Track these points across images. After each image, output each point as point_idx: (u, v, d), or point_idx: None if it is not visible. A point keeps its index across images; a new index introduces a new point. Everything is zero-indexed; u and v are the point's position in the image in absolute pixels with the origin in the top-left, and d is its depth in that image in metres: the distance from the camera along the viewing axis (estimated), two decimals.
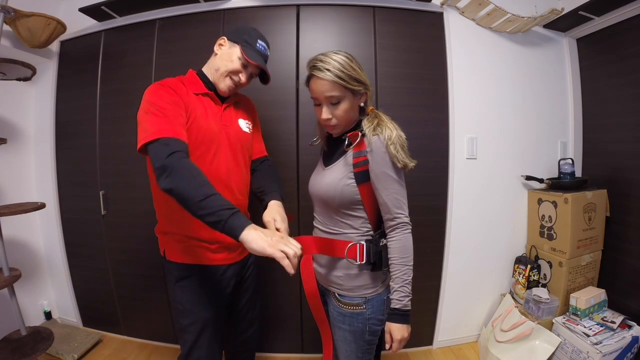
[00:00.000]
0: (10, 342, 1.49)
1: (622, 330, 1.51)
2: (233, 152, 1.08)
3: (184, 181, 0.80)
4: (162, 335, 1.95)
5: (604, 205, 1.75)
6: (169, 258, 1.07)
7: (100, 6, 1.72)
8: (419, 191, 1.76)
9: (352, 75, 0.85)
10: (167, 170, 0.81)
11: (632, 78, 1.65)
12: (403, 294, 0.87)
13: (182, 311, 1.05)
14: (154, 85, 0.98)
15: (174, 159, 0.82)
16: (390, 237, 0.89)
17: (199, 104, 1.02)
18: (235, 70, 1.03)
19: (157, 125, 0.88)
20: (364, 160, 0.87)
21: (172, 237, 1.06)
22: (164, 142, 0.85)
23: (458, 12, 1.79)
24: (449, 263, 1.85)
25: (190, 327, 1.04)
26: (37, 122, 2.02)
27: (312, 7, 1.71)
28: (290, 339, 1.84)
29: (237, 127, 1.12)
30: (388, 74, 1.69)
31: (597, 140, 1.89)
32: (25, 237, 1.99)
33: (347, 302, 0.94)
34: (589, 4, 1.61)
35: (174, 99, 0.95)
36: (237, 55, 1.02)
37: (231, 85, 1.05)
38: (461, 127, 1.80)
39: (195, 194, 0.79)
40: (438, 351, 1.90)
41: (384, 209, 0.89)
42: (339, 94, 0.86)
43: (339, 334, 0.98)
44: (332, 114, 0.88)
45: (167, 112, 0.91)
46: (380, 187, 0.87)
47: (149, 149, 0.86)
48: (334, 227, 0.95)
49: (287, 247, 0.76)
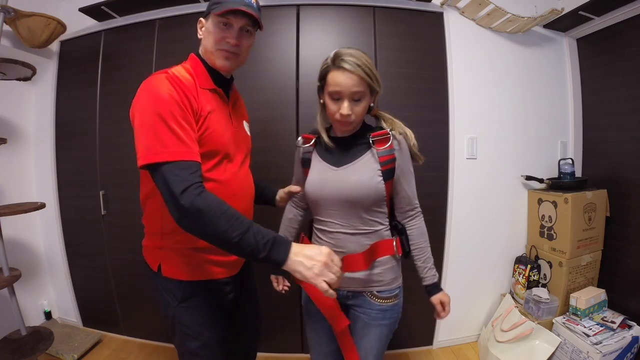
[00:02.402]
0: (10, 342, 1.49)
1: (622, 330, 1.51)
2: (244, 158, 1.02)
3: (213, 225, 0.71)
4: (162, 335, 1.95)
5: (604, 205, 1.75)
6: (165, 274, 0.93)
7: (100, 6, 1.73)
8: (419, 191, 1.74)
9: (376, 75, 0.89)
10: (189, 212, 0.71)
11: (632, 78, 1.65)
12: (434, 269, 1.02)
13: (189, 334, 0.93)
14: (162, 84, 0.79)
15: (194, 195, 0.71)
16: (413, 224, 1.01)
17: (209, 103, 0.88)
18: (219, 38, 0.87)
19: (169, 142, 0.74)
20: (392, 159, 0.93)
21: (172, 251, 0.92)
22: (180, 167, 0.73)
23: (458, 12, 1.79)
24: (449, 263, 1.85)
25: (201, 350, 0.94)
26: (37, 122, 2.02)
27: (312, 7, 1.71)
28: (290, 339, 1.84)
29: (243, 130, 1.05)
30: (388, 74, 1.70)
31: (597, 140, 1.89)
32: (25, 237, 1.99)
33: (387, 296, 0.98)
34: (589, 4, 1.61)
35: (186, 107, 0.79)
36: (213, 22, 0.87)
37: (227, 55, 0.89)
38: (461, 127, 1.80)
39: (229, 236, 0.70)
40: (438, 351, 1.90)
41: (406, 201, 0.99)
42: (363, 91, 0.87)
43: (375, 332, 0.98)
44: (352, 110, 0.88)
45: (180, 127, 0.76)
46: (405, 182, 0.97)
47: (160, 170, 0.74)
48: (363, 227, 0.95)
49: (330, 275, 0.70)
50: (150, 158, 0.74)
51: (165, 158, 0.73)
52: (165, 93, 0.77)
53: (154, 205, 0.92)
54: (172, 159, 0.74)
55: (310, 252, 0.71)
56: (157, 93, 0.77)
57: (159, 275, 0.95)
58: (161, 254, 0.94)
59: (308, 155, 1.02)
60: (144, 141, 0.76)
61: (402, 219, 1.01)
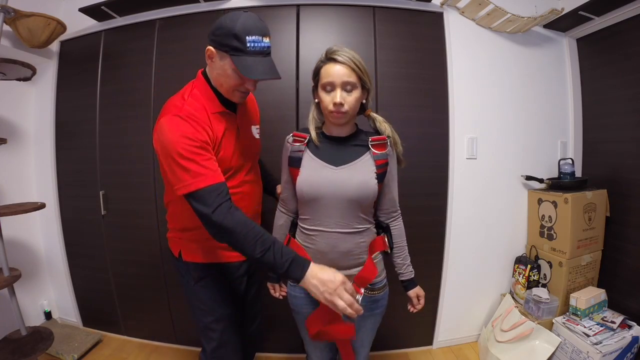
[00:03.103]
0: (10, 342, 1.49)
1: (622, 330, 1.51)
2: (253, 165, 1.12)
3: (241, 242, 0.84)
4: (162, 335, 1.95)
5: (604, 205, 1.75)
6: (185, 259, 1.09)
7: (100, 6, 1.72)
8: (419, 191, 1.76)
9: (366, 71, 0.94)
10: (221, 231, 0.84)
11: (632, 78, 1.65)
12: (411, 266, 1.11)
13: (204, 310, 1.09)
14: (176, 125, 0.88)
15: (224, 215, 0.84)
16: (396, 225, 1.09)
17: (221, 125, 0.98)
18: (238, 84, 0.95)
19: (195, 173, 0.85)
20: (386, 163, 0.99)
21: (190, 240, 1.08)
22: (208, 191, 0.85)
23: (458, 12, 1.79)
24: (449, 263, 1.85)
25: (215, 324, 1.09)
26: (37, 122, 2.02)
27: (312, 7, 1.71)
28: (290, 339, 1.84)
29: (251, 137, 1.12)
30: (388, 74, 1.69)
31: (597, 140, 1.89)
32: (25, 237, 1.99)
33: (378, 287, 1.05)
34: (589, 4, 1.61)
35: (204, 140, 0.90)
36: (232, 67, 0.90)
37: (243, 96, 1.01)
38: (461, 127, 1.80)
39: (254, 252, 0.83)
40: (438, 351, 1.90)
41: (392, 203, 1.06)
42: (354, 81, 0.91)
43: (370, 322, 1.06)
44: (344, 100, 0.91)
45: (201, 157, 0.87)
46: (392, 185, 1.05)
47: (193, 197, 0.86)
48: (358, 225, 0.99)
49: (340, 301, 0.79)
50: (185, 189, 0.86)
51: (198, 186, 0.85)
52: (186, 132, 0.87)
53: (175, 209, 1.10)
54: (203, 186, 0.85)
55: (325, 277, 0.81)
56: (178, 133, 0.87)
57: (180, 261, 1.10)
58: (181, 242, 1.10)
59: (298, 154, 1.00)
60: (175, 176, 0.87)
61: (386, 219, 1.08)
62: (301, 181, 0.97)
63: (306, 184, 0.96)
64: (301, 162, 0.99)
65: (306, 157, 0.99)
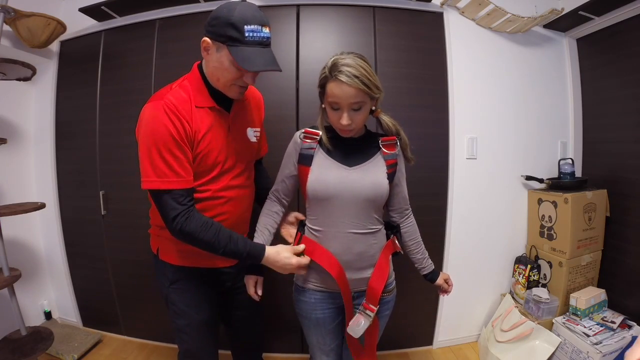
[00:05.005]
0: (10, 342, 1.49)
1: (622, 330, 1.51)
2: (244, 170, 1.05)
3: (201, 242, 0.88)
4: (161, 335, 1.95)
5: (604, 205, 1.75)
6: (161, 257, 1.04)
7: (100, 6, 1.72)
8: (419, 191, 1.75)
9: (374, 82, 0.87)
10: (180, 235, 0.87)
11: (632, 78, 1.65)
12: (430, 259, 1.14)
13: (177, 313, 1.05)
14: (159, 115, 0.84)
15: (182, 223, 0.85)
16: (410, 221, 1.11)
17: (205, 122, 0.91)
18: (236, 77, 0.88)
19: (162, 172, 0.85)
20: (395, 163, 1.00)
21: (167, 238, 0.99)
22: (172, 196, 0.85)
23: (458, 12, 1.79)
24: (449, 263, 1.85)
25: (187, 328, 1.05)
26: (37, 122, 2.02)
27: (312, 7, 1.71)
28: (290, 339, 1.84)
29: (245, 139, 1.05)
30: (388, 74, 1.70)
31: (597, 140, 1.89)
32: (25, 237, 1.99)
33: (389, 289, 1.06)
34: (589, 4, 1.61)
35: (181, 137, 0.86)
36: (229, 59, 0.84)
37: (241, 91, 0.94)
38: (461, 127, 1.80)
39: (216, 249, 0.88)
40: (438, 351, 1.90)
41: (403, 202, 1.08)
42: (362, 100, 0.87)
43: (380, 324, 1.06)
44: (352, 119, 0.88)
45: (174, 157, 0.85)
46: (403, 184, 1.06)
47: (155, 196, 0.88)
48: (371, 226, 0.98)
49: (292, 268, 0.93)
50: (147, 185, 0.86)
51: (159, 186, 0.85)
52: (161, 125, 0.84)
53: None
54: (165, 188, 0.85)
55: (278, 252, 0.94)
56: (154, 125, 0.85)
57: (157, 259, 1.06)
58: (159, 240, 1.05)
59: (309, 151, 0.98)
60: (143, 168, 0.87)
61: (399, 217, 1.09)
62: (313, 180, 0.95)
63: (318, 182, 0.95)
64: (312, 160, 0.97)
65: (319, 155, 0.97)
